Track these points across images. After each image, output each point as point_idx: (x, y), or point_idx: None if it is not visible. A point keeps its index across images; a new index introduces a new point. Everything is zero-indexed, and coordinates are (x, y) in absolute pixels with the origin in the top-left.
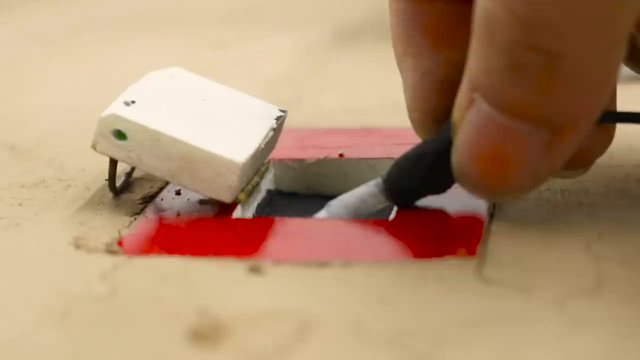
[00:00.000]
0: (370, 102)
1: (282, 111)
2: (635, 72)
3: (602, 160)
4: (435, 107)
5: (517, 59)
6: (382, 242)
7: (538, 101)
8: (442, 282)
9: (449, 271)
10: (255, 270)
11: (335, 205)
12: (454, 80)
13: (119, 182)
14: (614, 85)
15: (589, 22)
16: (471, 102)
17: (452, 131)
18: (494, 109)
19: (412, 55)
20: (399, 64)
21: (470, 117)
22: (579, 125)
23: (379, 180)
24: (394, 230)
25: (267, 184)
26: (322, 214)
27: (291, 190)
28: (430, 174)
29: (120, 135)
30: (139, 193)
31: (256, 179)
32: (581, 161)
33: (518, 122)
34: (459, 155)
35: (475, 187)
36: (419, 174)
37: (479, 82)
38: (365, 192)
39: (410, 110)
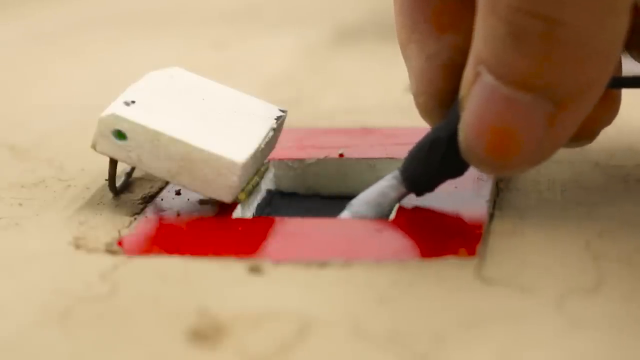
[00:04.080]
0: (370, 102)
1: (282, 111)
2: None
3: (602, 160)
4: (440, 90)
5: (517, 27)
6: (382, 242)
7: (540, 71)
8: (442, 282)
9: (449, 271)
10: (255, 270)
11: (357, 203)
12: (459, 63)
13: (119, 182)
14: (618, 57)
15: None
16: (476, 75)
17: (458, 108)
18: (498, 81)
19: (416, 42)
20: (403, 52)
21: (475, 90)
22: (583, 98)
23: (396, 172)
24: (393, 230)
25: (267, 184)
26: (344, 214)
27: (291, 190)
28: (446, 157)
29: (120, 135)
30: (139, 193)
31: (256, 179)
32: (586, 132)
33: (522, 94)
34: (465, 130)
35: (481, 162)
36: (435, 159)
37: (483, 54)
38: (385, 185)
39: (416, 95)
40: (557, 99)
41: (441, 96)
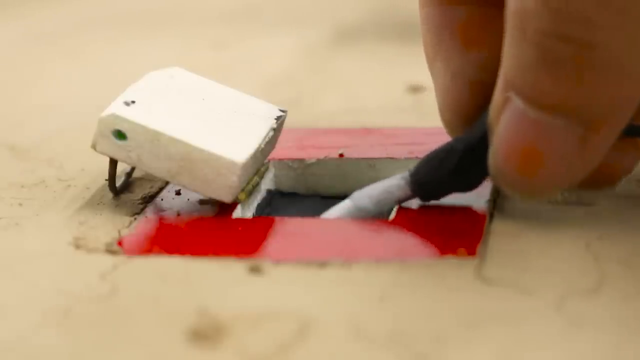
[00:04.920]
0: (370, 102)
1: (282, 111)
2: None
3: None
4: (466, 107)
5: (548, 51)
6: (382, 242)
7: (571, 94)
8: (442, 282)
9: (449, 271)
10: (255, 270)
11: (360, 195)
12: (484, 81)
13: (119, 182)
14: None
15: (621, 9)
16: (506, 100)
17: (488, 132)
18: (527, 105)
19: (442, 59)
20: (430, 68)
21: (505, 115)
22: (614, 120)
23: (406, 173)
24: (394, 230)
25: (267, 184)
26: (346, 203)
27: (291, 190)
28: (458, 170)
29: (120, 135)
30: (139, 193)
31: (256, 179)
32: (609, 177)
33: (552, 118)
34: (495, 154)
35: (511, 185)
36: (447, 169)
37: (512, 78)
38: (392, 184)
39: (442, 111)
40: (588, 122)
41: (466, 113)
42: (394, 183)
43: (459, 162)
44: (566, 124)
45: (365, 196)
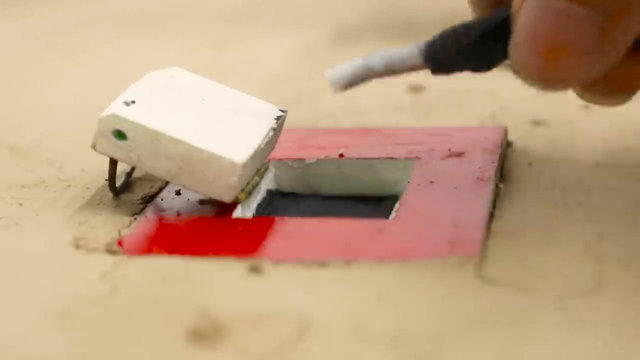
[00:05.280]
0: (370, 102)
1: (282, 111)
2: None
3: (602, 160)
4: None
5: None
6: (382, 242)
7: None
8: (442, 282)
9: (449, 271)
10: (255, 270)
11: (373, 54)
12: None
13: (119, 182)
14: None
15: None
16: None
17: (511, 19)
18: None
19: None
20: None
21: (528, 3)
22: (633, 9)
23: (421, 42)
24: (394, 230)
25: (267, 184)
26: (357, 60)
27: (291, 190)
28: (473, 48)
29: (120, 135)
30: (139, 193)
31: (256, 178)
32: (626, 85)
33: (575, 6)
34: (516, 43)
35: (533, 75)
36: (462, 44)
37: None
38: (405, 51)
39: None
40: (610, 11)
41: None
42: (407, 50)
43: (476, 41)
44: (589, 13)
45: (377, 57)
